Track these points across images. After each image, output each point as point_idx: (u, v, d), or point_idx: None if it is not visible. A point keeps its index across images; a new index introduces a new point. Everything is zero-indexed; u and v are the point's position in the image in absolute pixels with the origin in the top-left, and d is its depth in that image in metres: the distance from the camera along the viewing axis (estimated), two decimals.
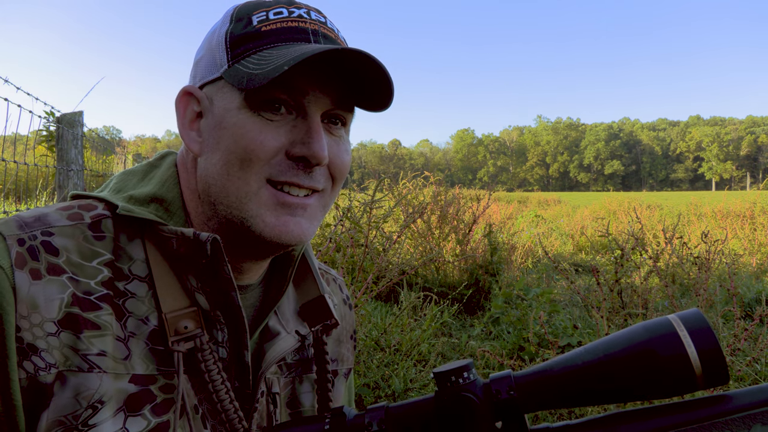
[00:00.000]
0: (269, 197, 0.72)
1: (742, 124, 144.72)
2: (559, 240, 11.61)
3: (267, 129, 0.71)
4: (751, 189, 79.35)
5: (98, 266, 0.69)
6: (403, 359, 3.26)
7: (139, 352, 0.69)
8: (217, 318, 0.74)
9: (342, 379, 0.97)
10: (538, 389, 0.64)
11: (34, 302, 0.63)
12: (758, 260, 8.09)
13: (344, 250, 3.43)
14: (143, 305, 0.70)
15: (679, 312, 0.63)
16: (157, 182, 0.78)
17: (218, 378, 0.72)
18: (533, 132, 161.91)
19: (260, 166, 0.71)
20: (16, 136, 2.63)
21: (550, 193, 52.43)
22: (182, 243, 0.71)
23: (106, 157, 6.59)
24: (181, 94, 0.78)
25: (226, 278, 0.72)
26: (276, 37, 0.72)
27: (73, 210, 0.72)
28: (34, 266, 0.65)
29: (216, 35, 0.76)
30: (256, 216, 0.72)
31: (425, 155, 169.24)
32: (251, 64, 0.70)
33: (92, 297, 0.67)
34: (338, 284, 1.03)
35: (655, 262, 4.19)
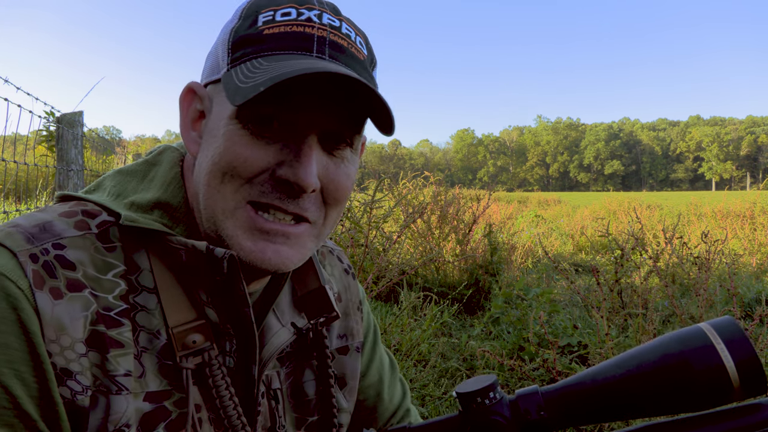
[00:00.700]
0: (246, 219, 0.66)
1: (742, 124, 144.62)
2: (559, 240, 11.60)
3: (254, 146, 0.65)
4: (751, 189, 79.32)
5: (114, 279, 0.65)
6: (403, 359, 3.26)
7: (152, 367, 0.65)
8: (227, 330, 0.70)
9: (355, 355, 0.92)
10: (568, 406, 0.61)
11: (60, 324, 0.59)
12: (758, 260, 8.09)
13: (344, 250, 3.43)
14: (154, 318, 0.66)
15: (711, 320, 0.60)
16: (160, 185, 0.73)
17: (226, 393, 0.69)
18: (533, 132, 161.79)
19: (240, 184, 0.65)
20: (16, 136, 2.63)
21: (550, 193, 52.42)
22: (192, 256, 0.66)
23: (106, 157, 6.59)
24: (185, 91, 0.74)
25: (241, 296, 0.68)
26: (275, 44, 0.66)
27: (78, 217, 0.67)
28: (53, 284, 0.60)
29: (224, 31, 0.71)
30: (233, 237, 0.67)
31: (425, 155, 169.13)
32: (242, 74, 0.64)
33: (113, 313, 0.63)
34: (336, 255, 0.97)
35: (655, 262, 4.19)
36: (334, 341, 0.90)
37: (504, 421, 0.62)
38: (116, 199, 0.71)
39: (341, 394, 0.88)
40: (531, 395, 0.63)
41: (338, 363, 0.89)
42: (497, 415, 0.62)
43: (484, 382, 0.64)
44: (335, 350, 0.90)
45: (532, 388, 0.64)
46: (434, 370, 3.62)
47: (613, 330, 3.91)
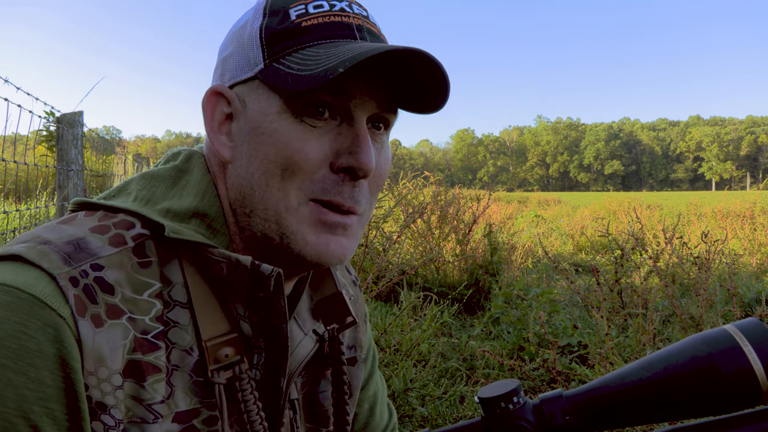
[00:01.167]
0: (310, 213, 0.65)
1: (742, 124, 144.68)
2: (559, 240, 11.60)
3: (311, 137, 0.64)
4: (751, 189, 79.31)
5: (150, 299, 0.62)
6: (403, 359, 3.26)
7: (183, 385, 0.63)
8: (258, 344, 0.69)
9: (362, 366, 0.91)
10: (594, 410, 0.61)
11: (100, 355, 0.56)
12: (758, 260, 8.08)
13: None
14: (187, 335, 0.64)
15: (737, 322, 0.60)
16: (195, 192, 0.69)
17: (254, 408, 0.67)
18: (533, 132, 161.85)
19: (303, 180, 0.65)
20: (16, 136, 2.63)
21: (550, 193, 52.42)
22: (234, 270, 0.64)
23: (106, 157, 6.59)
24: (209, 94, 0.70)
25: (281, 311, 0.66)
26: (319, 33, 0.65)
27: (112, 232, 0.63)
28: (94, 311, 0.56)
29: (248, 30, 0.68)
30: (296, 233, 0.65)
31: (425, 155, 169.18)
32: (295, 63, 0.63)
33: (150, 336, 0.60)
34: (345, 266, 0.97)
35: (655, 262, 4.19)
36: (345, 352, 0.88)
37: (529, 426, 0.61)
38: (146, 205, 0.67)
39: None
40: (555, 399, 0.62)
41: (347, 373, 0.88)
42: (522, 420, 0.62)
43: (508, 386, 0.63)
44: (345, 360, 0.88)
45: (556, 392, 0.63)
46: (434, 370, 3.62)
47: (613, 330, 3.91)
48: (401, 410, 2.95)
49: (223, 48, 0.73)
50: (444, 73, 0.65)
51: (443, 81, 0.66)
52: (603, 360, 2.81)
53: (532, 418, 0.62)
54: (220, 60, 0.73)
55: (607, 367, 2.75)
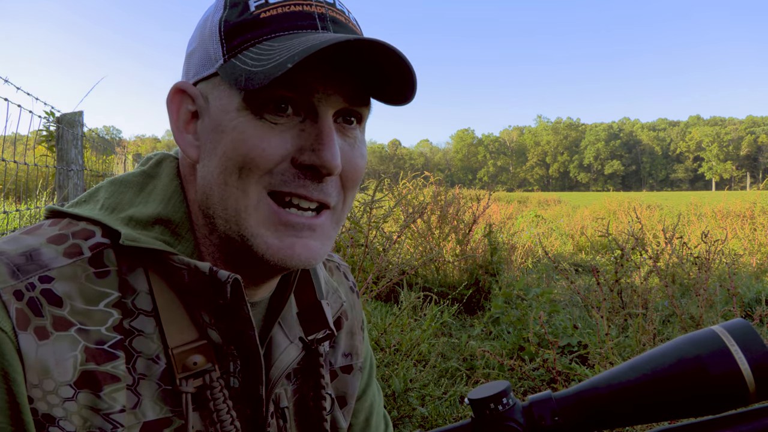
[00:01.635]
0: (269, 215, 0.63)
1: (742, 124, 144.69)
2: (559, 240, 11.60)
3: (270, 134, 0.61)
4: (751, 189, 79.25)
5: (106, 309, 0.61)
6: (403, 359, 3.26)
7: (151, 394, 0.62)
8: (230, 351, 0.67)
9: (358, 374, 0.89)
10: (583, 412, 0.61)
11: (44, 367, 0.55)
12: (758, 260, 8.09)
13: (344, 250, 3.43)
14: (152, 343, 0.62)
15: (724, 323, 0.60)
16: (161, 198, 0.68)
17: (227, 418, 0.66)
18: (533, 132, 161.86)
19: (260, 176, 0.62)
20: (16, 136, 2.63)
21: (550, 193, 52.42)
22: (194, 277, 0.63)
23: (106, 157, 6.59)
24: (172, 92, 0.68)
25: (245, 318, 0.65)
26: (278, 25, 0.62)
27: (69, 242, 0.62)
28: (38, 324, 0.56)
29: (209, 24, 0.66)
30: (257, 236, 0.63)
31: (425, 155, 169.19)
32: (250, 59, 0.60)
33: (106, 346, 0.59)
34: (342, 271, 0.94)
35: (655, 262, 4.19)
36: (339, 359, 0.87)
37: (518, 427, 0.62)
38: (111, 213, 0.66)
39: (341, 413, 0.86)
40: (545, 401, 0.62)
41: (341, 381, 0.87)
42: (511, 421, 0.62)
43: (497, 388, 0.64)
44: (339, 368, 0.87)
45: (545, 394, 0.63)
46: (434, 370, 3.62)
47: (613, 330, 3.91)
48: (401, 410, 2.95)
49: (189, 44, 0.71)
50: (406, 63, 0.62)
51: (406, 71, 0.63)
52: (603, 360, 2.81)
53: (522, 420, 0.62)
54: (186, 56, 0.71)
55: (607, 367, 2.75)
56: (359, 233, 3.56)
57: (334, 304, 0.85)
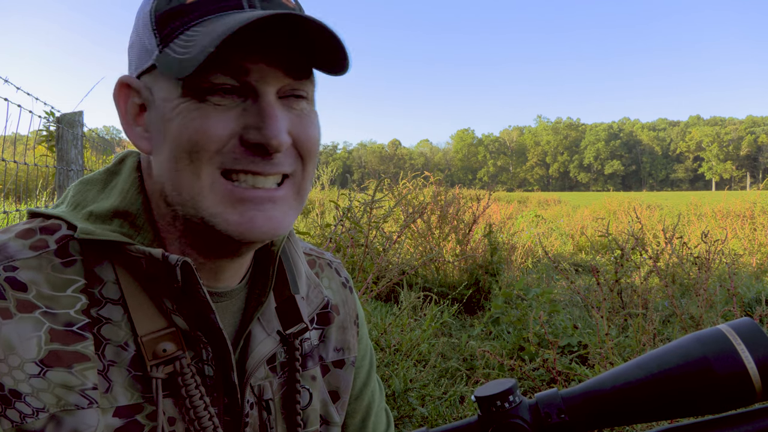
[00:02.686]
0: (225, 192, 0.64)
1: (742, 124, 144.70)
2: (559, 240, 11.60)
3: (214, 115, 0.62)
4: (751, 189, 79.31)
5: (73, 294, 0.64)
6: (403, 359, 3.26)
7: (122, 381, 0.64)
8: (198, 337, 0.68)
9: (350, 368, 0.90)
10: (589, 409, 0.61)
11: (8, 343, 0.59)
12: (758, 260, 8.09)
13: (344, 250, 3.43)
14: (120, 330, 0.65)
15: (731, 322, 0.60)
16: (119, 193, 0.70)
17: (200, 404, 0.67)
18: (533, 132, 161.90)
19: (210, 157, 0.63)
20: (16, 136, 2.63)
21: (550, 193, 52.43)
22: (151, 264, 0.65)
23: (106, 157, 6.60)
24: (117, 86, 0.69)
25: (203, 301, 0.66)
26: (204, 9, 0.63)
27: (36, 237, 0.66)
28: (2, 305, 0.60)
29: (142, 15, 0.67)
30: (217, 214, 0.64)
31: (425, 155, 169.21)
32: (180, 47, 0.61)
33: (75, 327, 0.62)
34: (334, 268, 0.95)
35: (655, 262, 4.19)
36: (330, 354, 0.88)
37: (525, 424, 0.62)
38: (74, 209, 0.70)
39: (334, 407, 0.87)
40: (551, 398, 0.63)
41: (333, 376, 0.88)
42: (518, 419, 0.62)
43: (504, 385, 0.64)
44: (331, 363, 0.88)
45: (551, 392, 0.64)
46: (434, 370, 3.62)
47: (613, 330, 3.91)
48: (401, 410, 2.95)
49: (130, 36, 0.71)
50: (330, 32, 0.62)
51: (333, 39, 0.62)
52: (603, 360, 2.81)
53: (528, 417, 0.63)
54: (128, 49, 0.71)
55: (607, 367, 2.75)
56: (359, 233, 3.56)
57: (315, 299, 0.85)
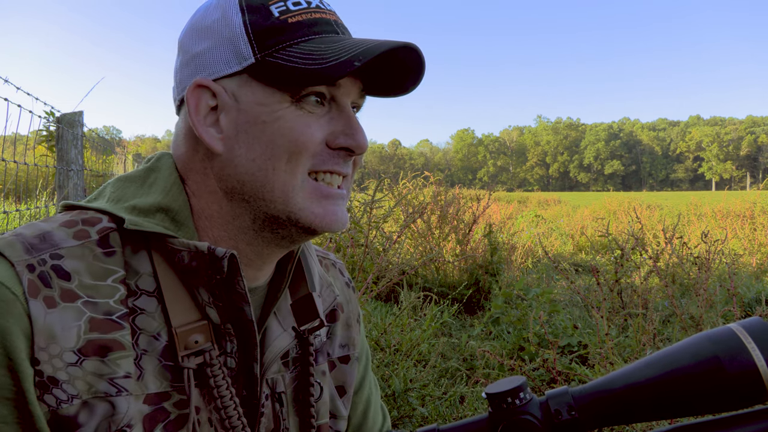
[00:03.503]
0: (313, 190, 0.72)
1: (742, 124, 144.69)
2: (559, 240, 11.60)
3: (311, 121, 0.71)
4: (751, 189, 79.32)
5: (114, 284, 0.67)
6: (403, 359, 3.26)
7: (152, 369, 0.67)
8: (227, 331, 0.72)
9: (355, 364, 0.95)
10: (599, 407, 0.62)
11: (51, 332, 0.61)
12: (758, 260, 8.09)
13: (344, 250, 3.43)
14: (154, 321, 0.68)
15: (741, 321, 0.60)
16: (161, 189, 0.74)
17: (227, 393, 0.71)
18: (533, 132, 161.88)
19: (306, 158, 0.71)
20: (16, 136, 2.63)
21: (550, 193, 52.44)
22: (195, 257, 0.69)
23: (106, 157, 6.60)
24: (193, 87, 0.72)
25: (241, 293, 0.71)
26: (308, 30, 0.71)
27: (78, 227, 0.69)
28: (47, 294, 0.62)
29: (227, 26, 0.71)
30: (305, 209, 0.72)
31: (425, 155, 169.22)
32: (297, 58, 0.68)
33: (114, 316, 0.65)
34: (338, 268, 1.01)
35: (655, 262, 4.19)
36: (336, 350, 0.92)
37: (535, 421, 0.62)
38: (116, 204, 0.73)
39: (341, 402, 0.91)
40: (561, 395, 0.63)
41: (340, 372, 0.92)
42: (528, 415, 0.63)
43: (514, 382, 0.65)
44: (337, 359, 0.92)
45: (562, 389, 0.64)
46: (434, 370, 3.62)
47: (613, 330, 3.91)
48: (401, 410, 2.95)
49: (190, 43, 0.75)
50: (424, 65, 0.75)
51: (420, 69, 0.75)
52: (603, 360, 2.81)
53: (539, 414, 0.63)
54: (192, 56, 0.74)
55: (607, 367, 2.75)
56: (359, 233, 3.56)
57: (328, 298, 0.91)
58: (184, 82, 0.75)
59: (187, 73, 0.75)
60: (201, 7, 0.77)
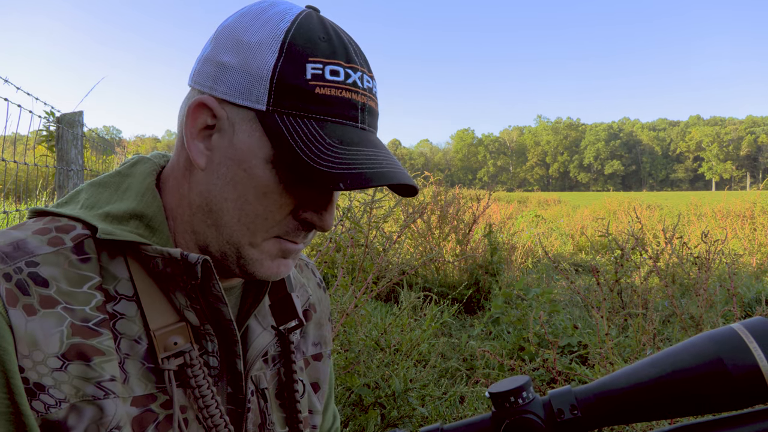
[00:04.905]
0: (272, 247, 0.72)
1: (742, 124, 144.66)
2: (559, 240, 11.61)
3: (286, 191, 0.69)
4: (751, 189, 79.32)
5: (89, 291, 0.67)
6: (403, 359, 3.26)
7: (136, 372, 0.68)
8: (206, 332, 0.73)
9: (327, 360, 0.98)
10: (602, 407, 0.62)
11: (33, 339, 0.61)
12: (758, 260, 8.09)
13: (344, 250, 3.43)
14: (134, 325, 0.69)
15: (744, 321, 0.61)
16: (135, 195, 0.74)
17: (208, 393, 0.72)
18: (533, 132, 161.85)
19: (272, 225, 0.70)
20: (16, 136, 2.64)
21: (550, 193, 52.41)
22: (169, 263, 0.69)
23: (106, 157, 6.60)
24: (196, 103, 0.70)
25: (217, 295, 0.71)
26: (330, 109, 0.67)
27: (52, 234, 0.69)
28: (26, 302, 0.62)
29: (259, 59, 0.67)
30: (256, 261, 0.72)
31: (425, 155, 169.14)
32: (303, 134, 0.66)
33: (90, 324, 0.65)
34: (310, 268, 1.02)
35: (655, 262, 4.19)
36: (309, 348, 0.95)
37: (538, 420, 0.63)
38: (90, 210, 0.72)
39: (316, 397, 0.94)
40: (564, 395, 0.63)
41: (314, 368, 0.95)
42: (531, 414, 0.63)
43: (518, 382, 0.65)
44: (311, 357, 0.95)
45: (565, 389, 0.64)
46: (434, 370, 3.62)
47: (613, 330, 3.91)
48: (401, 410, 2.95)
49: (221, 48, 0.70)
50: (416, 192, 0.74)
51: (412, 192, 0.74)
52: (603, 360, 2.81)
53: (542, 413, 0.63)
54: (217, 63, 0.70)
55: (607, 367, 2.75)
56: (359, 233, 3.56)
57: (302, 297, 0.94)
58: (201, 78, 0.71)
59: (206, 71, 0.71)
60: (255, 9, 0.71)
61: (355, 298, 3.05)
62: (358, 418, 2.83)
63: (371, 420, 2.81)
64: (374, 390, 2.99)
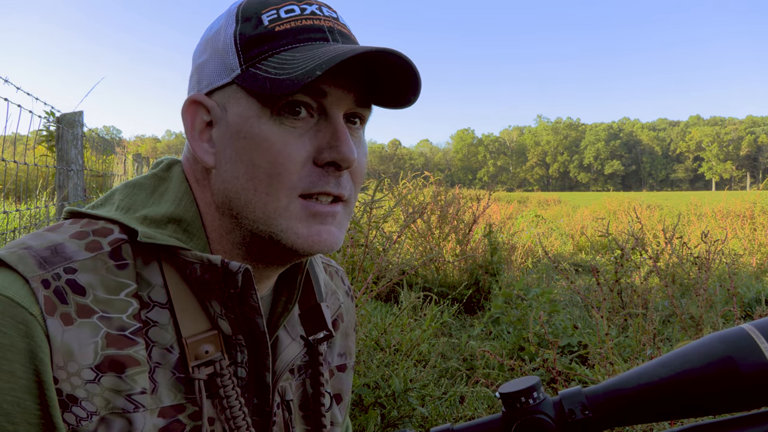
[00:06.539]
0: (300, 209, 0.68)
1: (742, 124, 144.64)
2: (559, 240, 11.60)
3: (291, 138, 0.67)
4: (751, 189, 79.32)
5: (126, 298, 0.65)
6: (403, 359, 3.26)
7: (166, 382, 0.66)
8: (238, 342, 0.72)
9: (350, 372, 0.95)
10: (612, 407, 0.62)
11: (69, 350, 0.60)
12: (758, 260, 8.09)
13: (344, 250, 3.43)
14: (167, 333, 0.67)
15: (754, 321, 0.60)
16: (172, 199, 0.73)
17: (236, 404, 0.70)
18: (533, 132, 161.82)
19: (290, 180, 0.67)
20: (16, 136, 2.64)
21: (550, 193, 52.41)
22: (207, 270, 0.67)
23: (106, 157, 6.60)
24: (187, 103, 0.72)
25: (254, 306, 0.70)
26: (293, 37, 0.67)
27: (90, 238, 0.67)
28: (64, 310, 0.61)
29: (222, 36, 0.70)
30: (287, 230, 0.68)
31: (425, 155, 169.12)
32: (272, 68, 0.65)
33: (127, 332, 0.64)
34: (340, 276, 1.00)
35: (655, 262, 4.19)
36: (335, 358, 0.92)
37: (549, 420, 0.63)
38: (127, 213, 0.71)
39: (338, 409, 0.91)
40: (575, 395, 0.63)
41: (338, 379, 0.92)
42: (542, 415, 0.63)
43: (528, 382, 0.65)
44: (335, 367, 0.92)
45: (575, 389, 0.64)
46: (434, 370, 3.62)
47: (613, 330, 3.91)
48: (401, 410, 2.95)
49: (197, 55, 0.74)
50: (414, 69, 0.68)
51: (414, 76, 0.69)
52: (603, 360, 2.81)
53: (552, 413, 0.63)
54: (196, 67, 0.74)
55: (607, 367, 2.75)
56: (359, 233, 3.56)
57: (333, 306, 0.91)
58: (190, 87, 0.75)
59: (192, 83, 0.75)
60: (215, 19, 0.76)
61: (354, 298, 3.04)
62: (358, 418, 2.83)
63: (371, 420, 2.81)
64: (374, 390, 2.99)
